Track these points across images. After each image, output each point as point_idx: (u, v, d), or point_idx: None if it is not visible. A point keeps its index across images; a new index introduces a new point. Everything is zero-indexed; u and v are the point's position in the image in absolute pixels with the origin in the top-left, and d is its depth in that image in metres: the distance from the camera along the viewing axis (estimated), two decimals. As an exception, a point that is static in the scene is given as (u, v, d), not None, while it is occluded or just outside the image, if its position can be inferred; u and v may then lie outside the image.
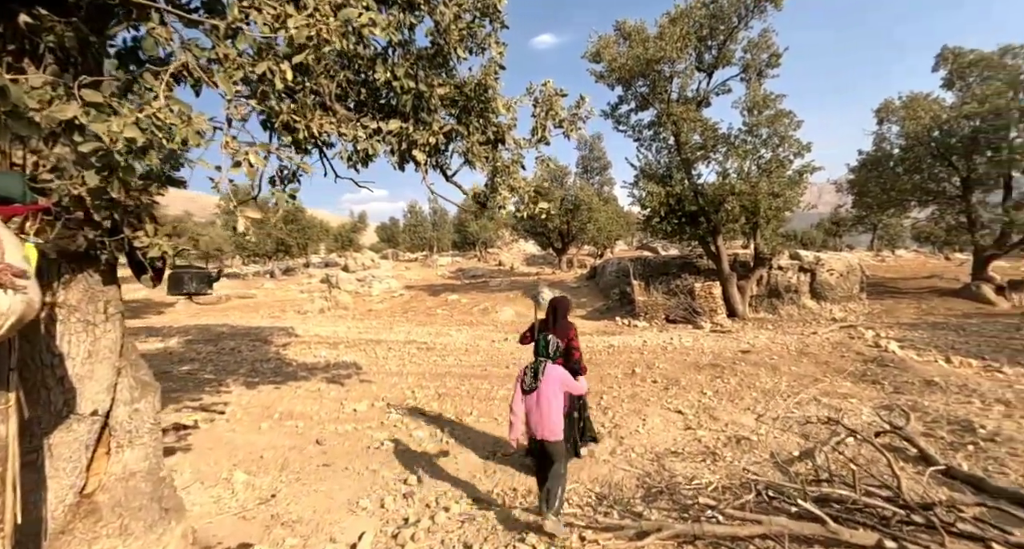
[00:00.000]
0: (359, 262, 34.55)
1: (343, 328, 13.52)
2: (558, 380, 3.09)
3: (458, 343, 10.80)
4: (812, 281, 14.79)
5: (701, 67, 13.41)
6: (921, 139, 14.42)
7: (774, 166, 12.55)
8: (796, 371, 6.95)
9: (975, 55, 14.50)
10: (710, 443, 4.13)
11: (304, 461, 4.19)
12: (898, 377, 5.96)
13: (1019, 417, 3.89)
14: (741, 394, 5.91)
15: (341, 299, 20.23)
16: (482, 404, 6.12)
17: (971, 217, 14.85)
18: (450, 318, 15.83)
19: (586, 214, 24.52)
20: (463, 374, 7.83)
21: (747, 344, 9.46)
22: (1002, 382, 5.50)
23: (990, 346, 8.10)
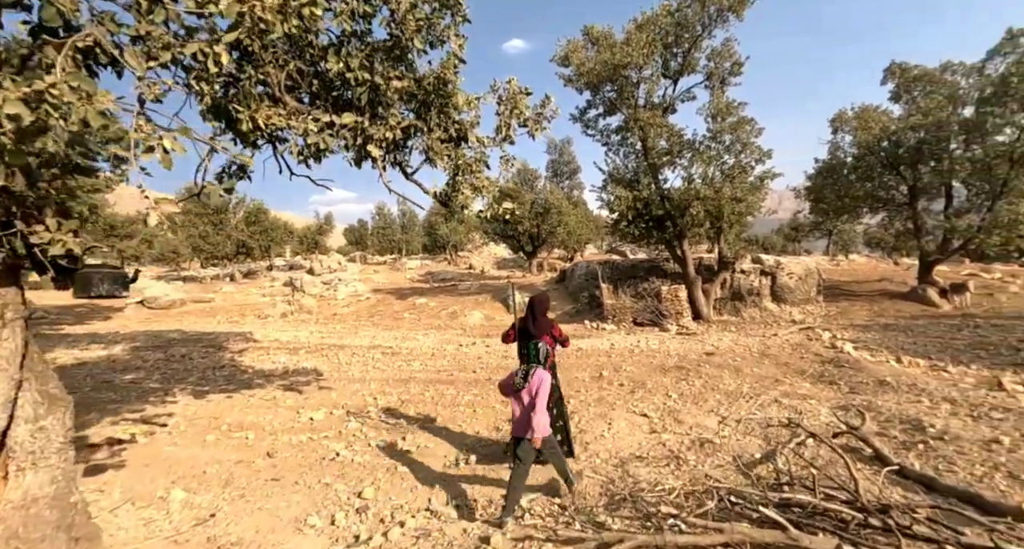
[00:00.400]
0: (325, 265, 33.59)
1: (305, 333, 13.02)
2: (545, 382, 3.33)
3: (424, 347, 10.55)
4: (773, 284, 15.28)
5: (667, 74, 13.67)
6: (872, 148, 15.16)
7: (736, 172, 12.90)
8: (758, 372, 7.08)
9: (919, 70, 15.38)
10: (674, 447, 4.09)
11: (251, 476, 3.90)
12: (853, 377, 6.14)
13: (964, 415, 4.03)
14: (705, 396, 5.95)
15: (305, 303, 19.55)
16: (447, 410, 5.93)
17: (917, 224, 15.69)
18: (417, 322, 15.52)
19: (556, 217, 24.63)
20: (428, 379, 7.61)
21: (711, 346, 9.63)
22: (947, 381, 5.74)
23: (935, 346, 8.51)
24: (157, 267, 38.68)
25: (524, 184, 24.90)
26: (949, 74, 15.08)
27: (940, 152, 14.20)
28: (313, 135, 2.98)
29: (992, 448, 3.24)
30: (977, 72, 14.58)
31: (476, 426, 5.23)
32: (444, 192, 3.95)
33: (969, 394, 4.61)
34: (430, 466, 4.11)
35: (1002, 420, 3.77)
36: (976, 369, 6.73)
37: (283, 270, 34.59)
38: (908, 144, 14.66)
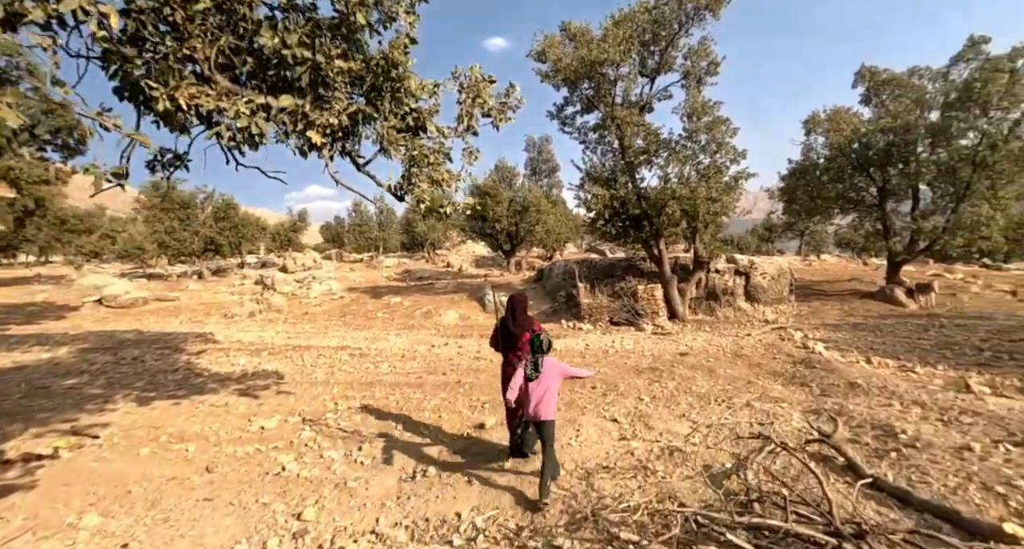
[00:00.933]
0: (299, 263, 32.73)
1: (271, 333, 12.48)
2: (557, 370, 3.70)
3: (395, 349, 10.19)
4: (747, 284, 15.39)
5: (644, 72, 13.58)
6: (843, 150, 15.41)
7: (712, 172, 12.89)
8: (731, 374, 6.99)
9: (888, 74, 15.70)
10: (643, 456, 3.90)
11: (182, 496, 3.53)
12: (825, 379, 6.08)
13: (934, 419, 3.96)
14: (677, 399, 5.80)
15: (274, 302, 18.88)
16: (411, 416, 5.63)
17: (886, 225, 16.04)
18: (390, 322, 15.10)
19: (534, 216, 24.43)
20: (395, 383, 7.29)
21: (685, 346, 9.55)
22: (916, 383, 5.72)
23: (903, 346, 8.60)
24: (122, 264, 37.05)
25: (502, 181, 24.62)
26: (916, 78, 15.43)
27: (908, 155, 14.53)
28: (244, 118, 2.65)
29: (964, 456, 3.14)
30: (942, 77, 14.95)
31: (441, 433, 4.95)
32: (399, 185, 3.66)
33: (938, 397, 4.56)
34: (385, 479, 3.81)
35: (971, 425, 3.70)
36: (943, 369, 6.77)
37: (255, 268, 33.54)
38: (877, 146, 14.95)
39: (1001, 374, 6.33)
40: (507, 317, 4.17)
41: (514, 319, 4.12)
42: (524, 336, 4.03)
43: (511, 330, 4.10)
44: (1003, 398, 4.58)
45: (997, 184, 13.43)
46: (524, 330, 4.07)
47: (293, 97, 2.84)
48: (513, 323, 4.11)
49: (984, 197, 13.11)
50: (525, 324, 4.12)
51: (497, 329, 4.26)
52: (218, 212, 32.77)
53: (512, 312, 4.15)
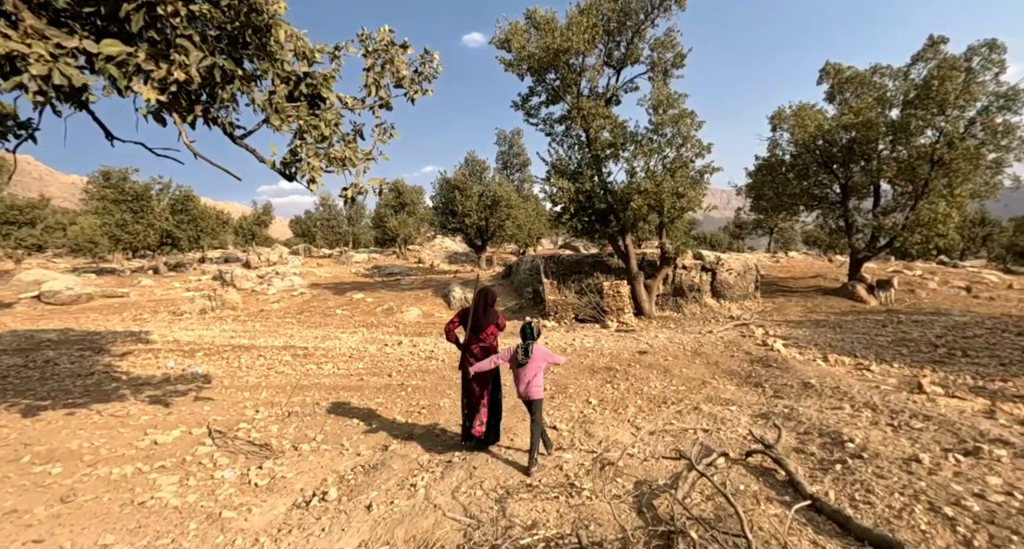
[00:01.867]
0: (264, 258, 31.51)
1: (216, 332, 11.67)
2: (543, 355, 3.97)
3: (344, 348, 9.60)
4: (713, 280, 15.29)
5: (610, 63, 13.24)
6: (808, 147, 15.42)
7: (677, 166, 12.65)
8: (686, 373, 6.69)
9: (851, 72, 15.78)
10: (573, 470, 3.48)
11: (12, 535, 2.93)
12: (779, 379, 5.82)
13: (884, 424, 3.67)
14: (626, 402, 5.44)
15: (229, 298, 17.90)
16: (336, 424, 5.10)
17: (848, 222, 16.17)
18: (349, 319, 14.43)
19: (504, 211, 23.96)
20: (334, 386, 6.73)
21: (646, 344, 9.26)
22: (870, 382, 5.50)
23: (861, 343, 8.49)
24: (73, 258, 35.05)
25: (472, 175, 24.03)
26: (878, 77, 15.54)
27: (869, 152, 14.62)
28: (42, 64, 2.08)
29: (912, 469, 2.84)
30: (903, 76, 15.10)
31: (363, 444, 4.45)
32: (286, 161, 3.13)
33: (890, 399, 4.31)
34: (274, 506, 3.30)
35: (922, 431, 3.43)
36: (898, 367, 6.61)
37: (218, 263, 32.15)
38: (840, 143, 15.02)
39: (954, 372, 6.20)
40: (477, 308, 4.27)
41: (485, 310, 4.27)
42: (489, 328, 4.25)
43: (478, 321, 4.23)
44: (955, 399, 4.36)
45: (954, 182, 13.62)
46: (490, 323, 4.26)
47: (120, 44, 2.29)
48: (484, 314, 4.25)
49: (941, 195, 13.27)
50: (491, 317, 4.29)
51: (457, 319, 4.36)
52: (175, 204, 31.20)
53: (483, 304, 4.29)
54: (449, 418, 5.23)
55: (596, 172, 13.80)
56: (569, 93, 13.36)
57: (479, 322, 4.22)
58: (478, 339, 4.24)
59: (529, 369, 3.86)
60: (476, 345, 4.24)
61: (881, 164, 14.75)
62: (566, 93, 13.36)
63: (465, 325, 4.30)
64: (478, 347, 4.23)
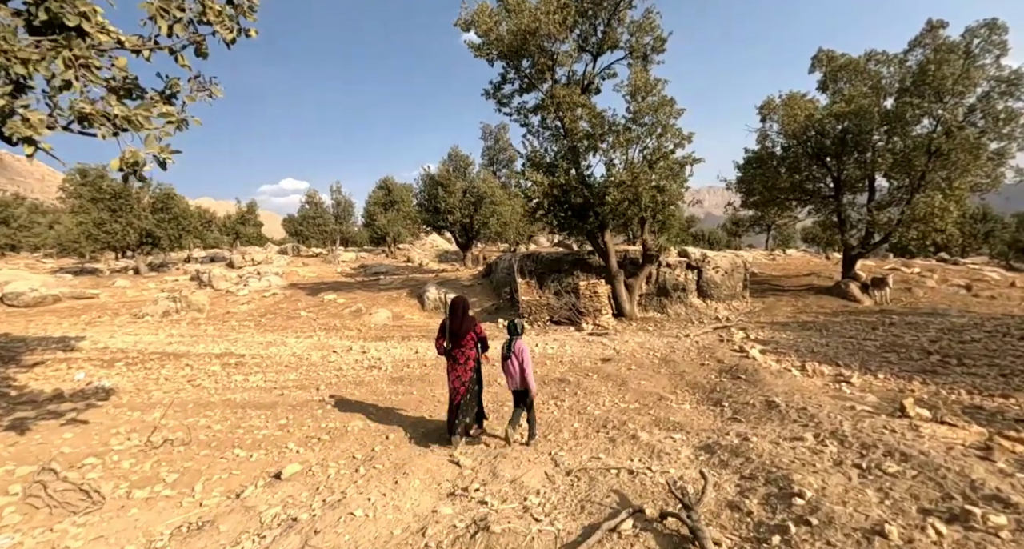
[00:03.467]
0: (248, 257, 30.85)
1: (162, 337, 10.92)
2: (526, 350, 4.35)
3: (285, 355, 8.84)
4: (699, 279, 14.50)
5: (586, 47, 12.42)
6: (799, 138, 14.59)
7: (657, 157, 11.85)
8: (644, 387, 5.91)
9: (844, 59, 14.93)
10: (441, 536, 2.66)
11: None
12: (743, 395, 5.03)
13: (850, 465, 2.89)
14: (562, 426, 4.67)
15: (195, 300, 17.17)
16: (204, 459, 4.29)
17: (841, 217, 15.35)
18: (312, 322, 13.68)
19: (489, 208, 23.15)
20: (246, 402, 5.97)
21: (613, 350, 8.49)
22: (845, 400, 4.70)
23: (847, 348, 7.70)
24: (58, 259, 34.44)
25: (455, 171, 23.20)
26: (873, 64, 14.69)
27: (863, 143, 13.79)
28: None
29: (875, 546, 2.07)
30: (899, 63, 14.25)
31: (218, 488, 3.68)
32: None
33: (864, 426, 3.53)
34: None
35: (896, 478, 2.64)
36: (883, 378, 5.83)
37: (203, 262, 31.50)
38: (833, 134, 14.19)
39: (947, 385, 5.41)
40: (455, 317, 4.50)
41: (461, 320, 4.49)
42: (468, 335, 4.49)
43: (455, 330, 4.48)
44: (944, 426, 3.59)
45: (952, 174, 12.79)
46: (467, 330, 4.48)
47: None
48: (460, 324, 4.48)
49: (939, 188, 12.43)
50: (468, 324, 4.51)
51: (442, 329, 4.59)
52: (156, 203, 30.48)
53: (454, 314, 4.52)
54: (350, 446, 4.46)
55: (573, 165, 13.01)
56: (543, 80, 12.56)
57: (457, 331, 4.46)
58: (459, 346, 4.50)
59: (514, 363, 4.30)
60: (458, 350, 4.50)
61: (876, 156, 13.93)
62: (540, 80, 12.56)
63: (445, 335, 4.54)
64: (459, 353, 4.50)
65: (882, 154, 13.77)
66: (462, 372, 4.46)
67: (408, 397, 6.04)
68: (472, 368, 4.51)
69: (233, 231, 34.15)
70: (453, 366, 4.49)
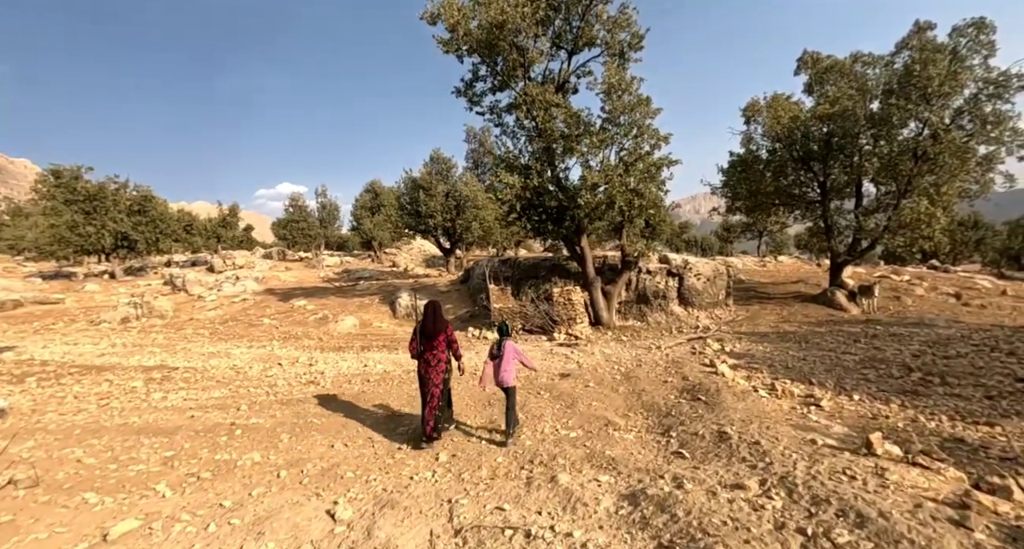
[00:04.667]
0: (229, 261, 30.16)
1: (104, 346, 10.24)
2: (513, 351, 4.76)
3: (224, 368, 8.18)
4: (680, 286, 13.92)
5: (560, 44, 11.89)
6: (784, 141, 14.11)
7: (633, 159, 11.31)
8: (594, 409, 5.30)
9: (830, 61, 14.49)
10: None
11: None
12: (695, 423, 4.42)
13: (793, 529, 2.30)
14: (484, 459, 4.06)
15: (158, 306, 16.46)
16: (44, 506, 3.49)
17: (828, 223, 14.85)
18: (273, 330, 13.01)
19: (472, 212, 22.58)
20: (144, 428, 5.28)
21: (575, 364, 7.88)
22: (808, 430, 4.10)
23: (824, 363, 7.12)
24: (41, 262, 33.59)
25: (437, 174, 22.63)
26: (859, 66, 14.25)
27: (850, 146, 13.31)
28: None
29: None
30: (886, 65, 13.80)
31: (47, 545, 3.02)
32: None
33: (820, 469, 2.94)
34: None
35: None
36: (857, 400, 5.23)
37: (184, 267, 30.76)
38: (818, 137, 13.72)
39: (926, 411, 4.82)
40: (427, 321, 4.65)
41: (433, 323, 4.64)
42: (439, 337, 4.63)
43: (428, 331, 4.62)
44: (916, 469, 3.00)
45: (940, 179, 12.30)
46: (440, 331, 4.63)
47: None
48: (432, 326, 4.63)
49: (926, 193, 11.93)
50: (439, 326, 4.66)
51: (416, 333, 4.72)
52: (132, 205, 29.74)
53: (426, 317, 4.68)
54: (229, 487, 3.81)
55: (549, 166, 12.44)
56: (516, 78, 12.02)
57: (430, 332, 4.63)
58: (431, 347, 4.65)
59: (503, 361, 4.61)
60: (430, 353, 4.65)
61: (862, 160, 13.45)
62: (513, 78, 12.02)
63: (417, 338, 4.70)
64: (431, 354, 4.65)
65: (869, 158, 13.29)
66: (434, 375, 4.63)
67: (331, 421, 5.40)
68: (444, 370, 4.70)
69: (214, 234, 33.37)
70: (427, 369, 4.65)
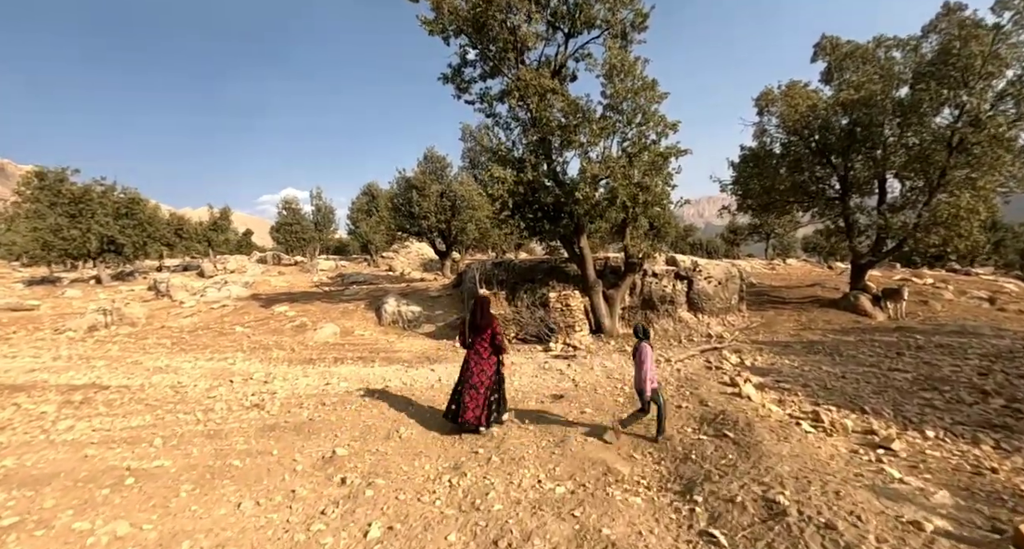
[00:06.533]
0: (220, 266, 29.13)
1: (44, 359, 9.12)
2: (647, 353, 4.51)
3: (165, 387, 7.04)
4: (689, 290, 12.70)
5: (555, 23, 10.79)
6: (799, 132, 12.93)
7: (637, 149, 10.16)
8: (589, 447, 4.11)
9: (851, 46, 13.33)
10: None
11: None
12: (728, 480, 3.21)
13: None
14: (432, 534, 2.87)
15: (129, 313, 15.38)
16: None
17: (849, 221, 13.64)
18: (244, 339, 11.87)
19: (468, 213, 21.47)
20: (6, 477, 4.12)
21: (571, 382, 6.69)
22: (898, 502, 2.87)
23: (870, 383, 5.90)
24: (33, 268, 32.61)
25: (431, 173, 21.55)
26: (883, 50, 13.08)
27: (873, 137, 12.11)
28: None
29: None
30: (912, 49, 12.62)
31: None
32: None
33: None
34: None
35: None
36: (934, 439, 4.02)
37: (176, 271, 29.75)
38: (839, 128, 12.53)
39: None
40: (474, 313, 5.02)
41: (481, 316, 4.99)
42: (487, 331, 4.91)
43: (477, 324, 4.97)
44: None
45: (977, 172, 11.08)
46: (487, 326, 4.93)
47: None
48: (480, 319, 4.97)
49: (967, 185, 10.70)
50: (487, 321, 4.96)
51: (465, 325, 5.11)
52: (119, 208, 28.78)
53: (478, 311, 5.02)
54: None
55: (545, 159, 11.29)
56: (508, 62, 10.92)
57: (476, 326, 4.93)
58: (479, 340, 4.91)
59: (636, 364, 4.55)
60: (480, 343, 4.90)
61: (887, 152, 12.24)
62: (504, 62, 10.92)
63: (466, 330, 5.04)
64: (481, 346, 4.89)
65: (895, 150, 12.09)
66: (486, 366, 4.87)
67: (256, 463, 4.24)
68: (495, 362, 4.92)
69: (205, 238, 32.40)
70: (477, 359, 4.89)
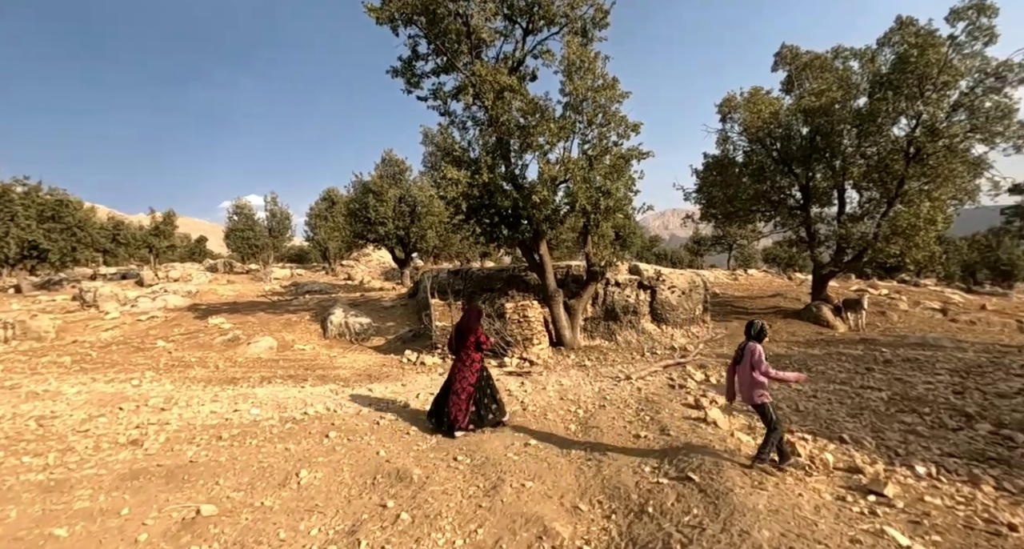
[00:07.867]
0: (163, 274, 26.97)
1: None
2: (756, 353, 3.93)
3: (31, 417, 5.79)
4: (652, 300, 12.18)
5: (512, 16, 10.16)
6: (763, 140, 12.76)
7: (598, 151, 9.59)
8: (524, 500, 3.30)
9: (810, 56, 13.36)
10: None
11: None
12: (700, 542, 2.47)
13: None
14: None
15: (35, 326, 13.57)
16: None
17: (810, 231, 13.55)
18: (163, 355, 10.49)
19: (427, 219, 20.53)
20: None
21: (520, 404, 5.87)
22: None
23: (844, 404, 5.36)
24: None
25: (388, 177, 20.55)
26: (840, 61, 13.15)
27: (834, 146, 12.03)
28: None
29: None
30: (870, 61, 12.71)
31: None
32: None
33: None
34: None
35: None
36: (927, 477, 3.42)
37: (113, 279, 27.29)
38: (800, 136, 12.43)
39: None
40: (464, 319, 5.32)
41: (467, 323, 5.27)
42: (471, 337, 5.17)
43: (462, 329, 5.23)
44: None
45: (934, 182, 11.10)
46: (471, 332, 5.17)
47: None
48: (465, 325, 5.25)
49: (925, 196, 10.65)
50: (472, 327, 5.23)
51: (454, 331, 5.34)
52: (44, 210, 26.22)
53: (464, 318, 5.36)
54: None
55: (503, 161, 10.57)
56: (461, 54, 10.20)
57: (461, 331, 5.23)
58: (463, 346, 5.19)
59: (742, 370, 3.95)
60: (464, 351, 5.17)
61: (847, 163, 12.19)
62: (457, 55, 10.19)
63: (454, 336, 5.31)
64: (465, 354, 5.16)
65: (854, 160, 12.04)
66: (468, 374, 5.07)
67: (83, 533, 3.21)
68: (477, 370, 5.14)
69: (145, 244, 30.04)
70: (460, 368, 5.11)
